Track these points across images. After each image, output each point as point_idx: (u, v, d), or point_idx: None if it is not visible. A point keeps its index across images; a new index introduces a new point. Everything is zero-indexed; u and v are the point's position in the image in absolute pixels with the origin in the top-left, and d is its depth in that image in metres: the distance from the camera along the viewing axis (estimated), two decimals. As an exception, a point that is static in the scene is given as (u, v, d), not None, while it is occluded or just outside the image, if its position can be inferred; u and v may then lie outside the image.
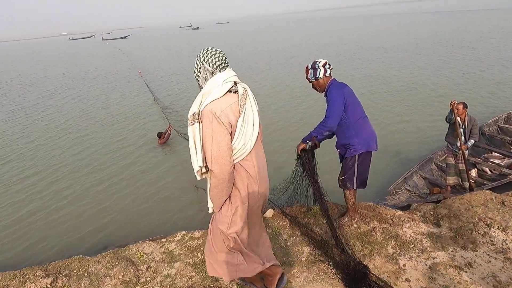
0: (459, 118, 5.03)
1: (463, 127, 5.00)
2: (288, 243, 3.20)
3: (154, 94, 12.70)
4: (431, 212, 3.41)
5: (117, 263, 3.11)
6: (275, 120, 8.97)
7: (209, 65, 1.87)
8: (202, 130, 1.81)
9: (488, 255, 2.75)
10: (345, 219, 3.37)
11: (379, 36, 27.56)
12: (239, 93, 1.87)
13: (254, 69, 17.11)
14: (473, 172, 5.23)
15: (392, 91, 10.73)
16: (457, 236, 3.01)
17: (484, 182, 4.88)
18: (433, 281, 2.55)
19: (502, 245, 2.84)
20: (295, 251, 3.05)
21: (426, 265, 2.72)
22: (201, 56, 1.89)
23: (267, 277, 2.38)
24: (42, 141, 8.82)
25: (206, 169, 1.91)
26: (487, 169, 5.32)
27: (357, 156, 3.04)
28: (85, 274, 3.01)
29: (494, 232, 2.99)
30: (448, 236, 3.03)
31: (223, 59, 1.90)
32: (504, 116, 6.61)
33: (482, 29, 25.86)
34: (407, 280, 2.58)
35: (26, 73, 24.46)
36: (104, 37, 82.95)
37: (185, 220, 4.90)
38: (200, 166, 1.87)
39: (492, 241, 2.90)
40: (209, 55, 1.88)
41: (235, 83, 1.90)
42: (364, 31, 34.52)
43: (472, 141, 4.73)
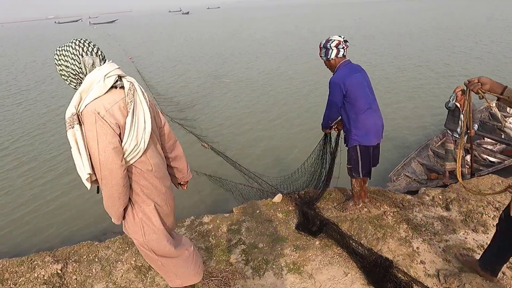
0: (459, 104, 5.07)
1: (463, 112, 5.04)
2: (300, 223, 3.19)
3: (146, 80, 12.43)
4: (440, 196, 3.44)
5: (127, 248, 3.06)
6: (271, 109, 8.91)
7: (90, 56, 1.59)
8: (85, 133, 1.55)
9: (500, 237, 2.80)
10: (349, 203, 3.39)
11: (375, 23, 27.46)
12: (125, 88, 1.63)
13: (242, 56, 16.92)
14: (468, 158, 5.30)
15: (388, 77, 10.75)
16: (468, 220, 3.04)
17: (480, 168, 4.94)
18: (448, 263, 2.58)
19: (512, 227, 2.88)
20: (307, 235, 3.05)
21: (439, 247, 2.75)
22: (74, 48, 1.58)
23: None
24: (36, 130, 8.60)
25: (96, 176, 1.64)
26: (482, 155, 5.39)
27: (358, 147, 3.01)
28: (96, 260, 2.96)
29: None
30: (459, 220, 3.06)
31: (100, 50, 1.66)
32: (495, 102, 6.69)
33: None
34: (422, 262, 2.61)
35: None
36: (91, 21, 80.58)
37: (189, 206, 4.86)
38: (89, 173, 1.57)
39: (502, 224, 2.94)
40: (86, 45, 1.61)
41: (120, 77, 1.64)
42: (358, 17, 34.34)
43: (476, 126, 4.79)
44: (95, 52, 1.63)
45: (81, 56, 1.59)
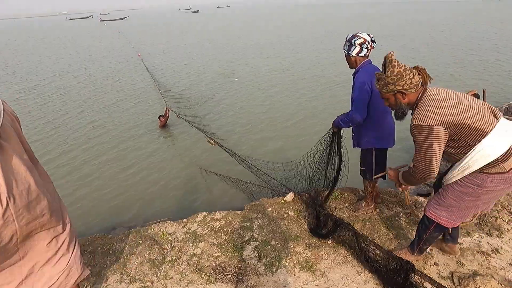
0: None
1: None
2: (311, 226, 3.20)
3: (154, 77, 12.52)
4: (453, 199, 3.41)
5: (141, 241, 3.10)
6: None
7: None
8: None
9: (515, 241, 2.78)
10: (361, 204, 3.38)
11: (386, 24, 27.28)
12: None
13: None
14: None
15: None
16: (482, 223, 3.03)
17: None
18: (461, 265, 2.57)
19: (528, 232, 2.86)
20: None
21: (453, 250, 2.73)
22: None
23: None
24: (52, 125, 8.72)
25: None
26: None
27: (374, 150, 2.99)
28: (110, 252, 3.00)
29: (518, 219, 3.02)
30: (473, 223, 3.04)
31: None
32: (504, 107, 6.59)
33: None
34: (436, 264, 2.60)
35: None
36: (102, 18, 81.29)
37: (200, 203, 4.89)
38: None
39: (517, 228, 2.92)
40: None
41: None
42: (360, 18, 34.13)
43: None
44: None
45: None
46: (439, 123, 1.88)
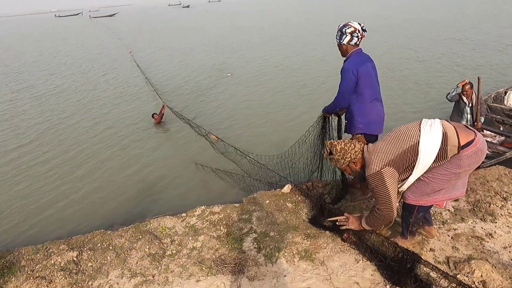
0: (464, 97, 5.10)
1: (470, 105, 5.08)
2: (309, 217, 3.25)
3: (145, 74, 12.40)
4: (448, 187, 3.47)
5: (140, 236, 3.12)
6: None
7: None
8: None
9: (508, 226, 2.85)
10: (357, 194, 3.44)
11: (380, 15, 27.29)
12: None
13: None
14: None
15: (390, 68, 10.75)
16: (476, 209, 3.09)
17: (483, 160, 4.96)
18: (456, 250, 2.63)
19: (520, 216, 2.93)
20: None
21: (448, 236, 2.80)
22: None
23: None
24: (50, 124, 8.64)
25: None
26: None
27: (363, 136, 3.04)
28: (110, 248, 3.02)
29: (511, 205, 3.08)
30: (467, 209, 3.11)
31: None
32: (493, 95, 6.68)
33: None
34: (432, 250, 2.66)
35: None
36: (91, 15, 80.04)
37: (197, 198, 4.90)
38: None
39: (510, 213, 2.99)
40: None
41: None
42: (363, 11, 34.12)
43: (482, 118, 4.81)
44: None
45: None
46: (384, 165, 2.21)
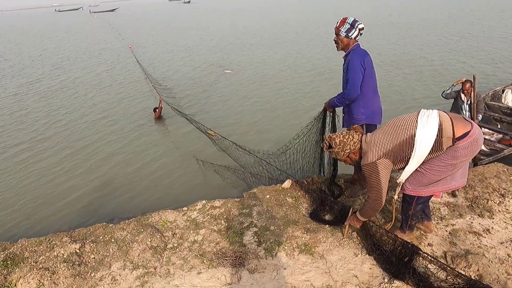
0: (463, 95, 5.13)
1: (468, 103, 5.11)
2: (309, 212, 3.28)
3: (145, 69, 12.42)
4: (446, 183, 3.51)
5: (142, 230, 3.15)
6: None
7: None
8: None
9: (505, 222, 2.88)
10: (356, 188, 3.49)
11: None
12: None
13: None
14: None
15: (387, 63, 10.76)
16: (474, 205, 3.12)
17: (481, 157, 5.00)
18: (454, 245, 2.67)
19: (517, 213, 2.97)
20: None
21: (446, 231, 2.83)
22: None
23: None
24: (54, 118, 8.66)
25: None
26: (482, 145, 5.44)
27: (365, 126, 3.11)
28: (112, 240, 3.05)
29: (509, 201, 3.12)
30: (465, 205, 3.15)
31: None
32: (490, 93, 6.73)
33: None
34: (430, 244, 2.70)
35: None
36: (91, 10, 79.79)
37: (198, 194, 4.94)
38: None
39: (507, 209, 3.03)
40: None
41: None
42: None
43: (480, 116, 4.84)
44: None
45: None
46: (380, 156, 2.27)
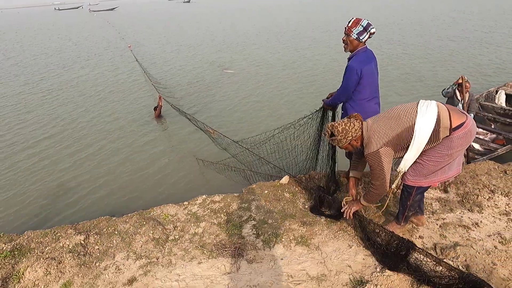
0: (458, 94, 5.25)
1: (462, 102, 5.23)
2: (306, 206, 3.40)
3: (144, 69, 12.51)
4: (439, 180, 3.63)
5: (144, 223, 3.26)
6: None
7: None
8: None
9: (493, 216, 3.00)
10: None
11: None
12: None
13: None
14: None
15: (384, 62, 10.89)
16: (464, 201, 3.24)
17: (475, 157, 5.13)
18: (444, 238, 2.79)
19: (506, 208, 3.09)
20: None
21: (437, 224, 2.95)
22: None
23: None
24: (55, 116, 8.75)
25: None
26: (474, 144, 5.55)
27: None
28: (115, 233, 3.16)
29: (498, 197, 3.24)
30: (456, 201, 3.27)
31: None
32: (484, 94, 6.85)
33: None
34: (421, 237, 2.82)
35: None
36: (91, 9, 79.70)
37: (195, 189, 5.05)
38: None
39: (496, 204, 3.15)
40: None
41: None
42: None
43: (472, 115, 4.97)
44: None
45: None
46: (382, 144, 2.36)
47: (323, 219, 3.13)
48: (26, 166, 6.06)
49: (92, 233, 3.16)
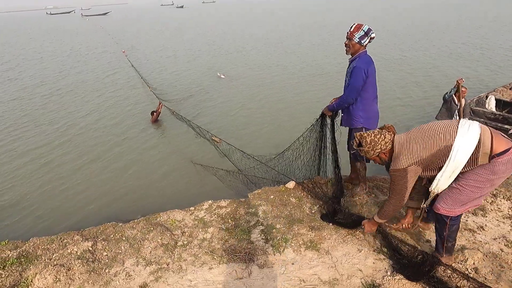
0: (456, 99, 5.37)
1: (458, 107, 5.35)
2: (313, 211, 3.42)
3: (140, 74, 12.48)
4: (442, 184, 3.69)
5: (152, 228, 3.25)
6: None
7: None
8: None
9: (497, 220, 3.07)
10: (357, 189, 3.63)
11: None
12: None
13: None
14: None
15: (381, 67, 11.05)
16: (468, 204, 3.30)
17: None
18: (451, 241, 2.83)
19: (509, 211, 3.16)
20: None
21: (443, 228, 3.00)
22: None
23: None
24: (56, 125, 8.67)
25: None
26: None
27: (364, 130, 3.25)
28: (123, 238, 3.15)
29: (500, 201, 3.31)
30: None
31: None
32: (475, 99, 7.01)
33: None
34: (428, 241, 2.86)
35: None
36: (83, 13, 79.33)
37: (198, 195, 5.04)
38: None
39: (499, 208, 3.21)
40: None
41: None
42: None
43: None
44: None
45: None
46: (411, 163, 2.23)
47: (331, 223, 3.15)
48: (25, 173, 5.99)
49: (99, 239, 3.14)
